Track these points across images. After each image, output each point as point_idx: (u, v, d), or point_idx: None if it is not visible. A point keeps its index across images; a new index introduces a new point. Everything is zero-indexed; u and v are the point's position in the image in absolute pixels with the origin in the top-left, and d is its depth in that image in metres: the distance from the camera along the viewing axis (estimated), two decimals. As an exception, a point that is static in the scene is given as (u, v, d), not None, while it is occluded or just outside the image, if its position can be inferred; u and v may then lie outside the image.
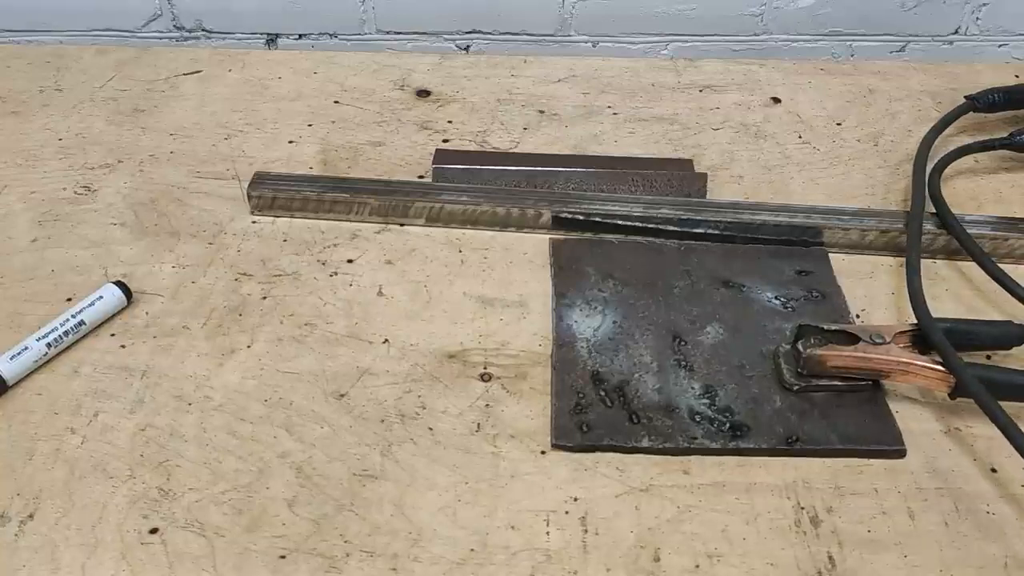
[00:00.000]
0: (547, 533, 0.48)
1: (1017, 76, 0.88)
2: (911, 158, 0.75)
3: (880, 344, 0.55)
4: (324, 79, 0.86)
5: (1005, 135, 0.76)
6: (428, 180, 0.72)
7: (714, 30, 0.99)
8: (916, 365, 0.54)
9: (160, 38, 0.99)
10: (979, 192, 0.74)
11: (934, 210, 0.68)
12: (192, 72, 0.87)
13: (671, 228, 0.67)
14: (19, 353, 0.55)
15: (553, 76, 0.87)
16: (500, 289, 0.63)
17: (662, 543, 0.48)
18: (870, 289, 0.64)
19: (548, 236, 0.68)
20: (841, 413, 0.54)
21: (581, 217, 0.67)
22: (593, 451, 0.52)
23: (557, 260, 0.65)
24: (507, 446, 0.53)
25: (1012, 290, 0.60)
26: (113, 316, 0.60)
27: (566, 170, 0.71)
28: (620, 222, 0.67)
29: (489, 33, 0.99)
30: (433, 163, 0.72)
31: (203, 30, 0.99)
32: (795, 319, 0.60)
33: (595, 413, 0.54)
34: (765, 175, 0.75)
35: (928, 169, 0.73)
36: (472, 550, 0.47)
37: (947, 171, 0.73)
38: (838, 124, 0.82)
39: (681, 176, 0.71)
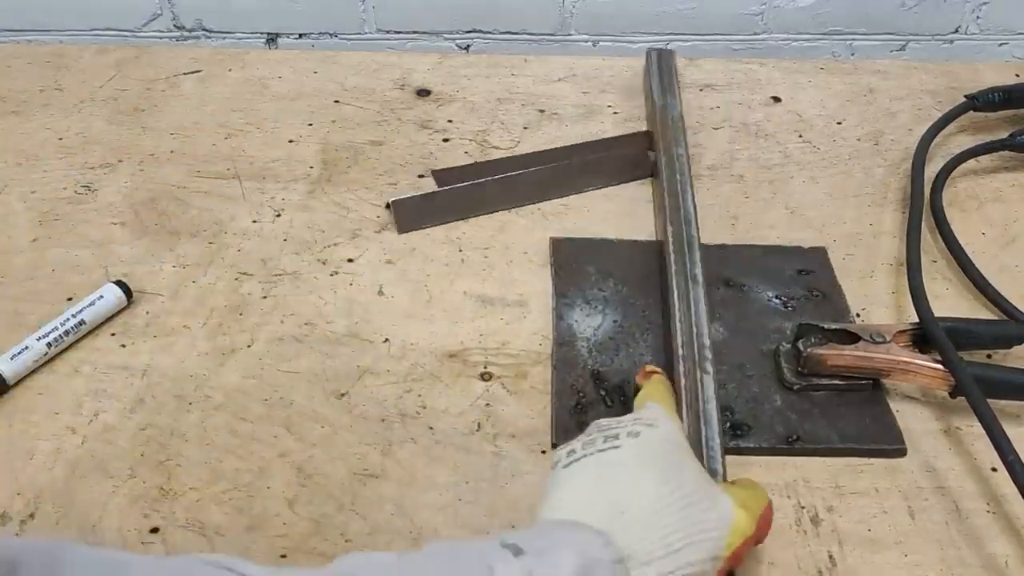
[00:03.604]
0: (547, 532, 0.48)
1: (1017, 75, 0.88)
2: (911, 157, 0.75)
3: (880, 343, 0.55)
4: (324, 79, 0.86)
5: (1005, 135, 0.76)
6: (428, 178, 0.72)
7: (714, 29, 0.99)
8: (916, 364, 0.54)
9: (160, 38, 0.99)
10: (979, 191, 0.74)
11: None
12: (192, 72, 0.87)
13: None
14: (19, 352, 0.56)
15: (553, 75, 0.87)
16: (500, 288, 0.63)
17: (662, 542, 0.48)
18: (870, 288, 0.64)
19: (550, 236, 0.68)
20: (841, 412, 0.54)
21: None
22: (593, 450, 0.52)
23: (557, 259, 0.65)
24: (507, 445, 0.53)
25: (999, 304, 0.61)
26: (113, 316, 0.60)
27: (527, 171, 0.71)
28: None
29: (489, 32, 0.99)
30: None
31: (203, 29, 0.99)
32: (795, 318, 0.60)
33: (595, 412, 0.54)
34: (765, 174, 0.75)
35: (928, 170, 0.73)
36: (472, 549, 0.47)
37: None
38: (838, 123, 0.82)
39: (633, 156, 0.73)
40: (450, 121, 0.81)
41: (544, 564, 0.36)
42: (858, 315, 0.62)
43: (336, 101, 0.83)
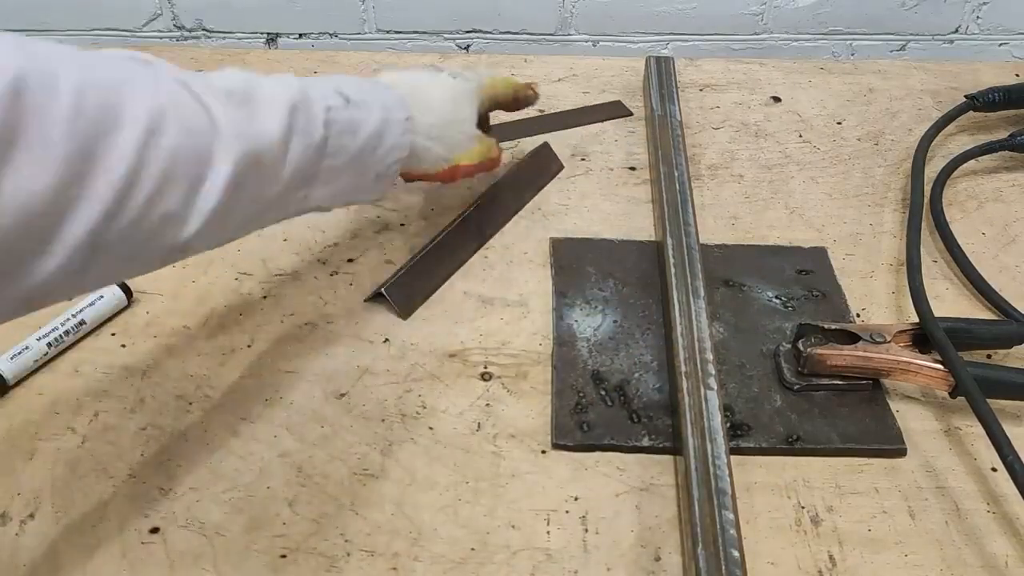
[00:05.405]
0: (547, 532, 0.48)
1: (1017, 75, 0.88)
2: (911, 157, 0.75)
3: (880, 343, 0.55)
4: (324, 79, 0.86)
5: (1005, 135, 0.76)
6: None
7: (714, 29, 0.99)
8: (916, 364, 0.54)
9: (160, 38, 0.99)
10: (979, 191, 0.74)
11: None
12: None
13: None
14: (20, 353, 0.55)
15: (553, 75, 0.87)
16: (500, 288, 0.63)
17: (662, 542, 0.48)
18: (870, 288, 0.64)
19: (550, 236, 0.68)
20: (842, 412, 0.54)
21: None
22: (593, 450, 0.52)
23: (557, 259, 0.65)
24: (507, 445, 0.53)
25: (999, 304, 0.61)
26: (114, 315, 0.60)
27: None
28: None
29: (489, 32, 0.99)
30: None
31: (203, 29, 0.99)
32: (795, 318, 0.60)
33: (595, 412, 0.54)
34: (765, 174, 0.75)
35: (928, 170, 0.73)
36: (472, 549, 0.47)
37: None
38: (838, 123, 0.82)
39: (540, 157, 0.75)
40: (450, 121, 0.80)
41: (360, 111, 0.52)
42: (858, 315, 0.62)
43: (336, 101, 0.83)
